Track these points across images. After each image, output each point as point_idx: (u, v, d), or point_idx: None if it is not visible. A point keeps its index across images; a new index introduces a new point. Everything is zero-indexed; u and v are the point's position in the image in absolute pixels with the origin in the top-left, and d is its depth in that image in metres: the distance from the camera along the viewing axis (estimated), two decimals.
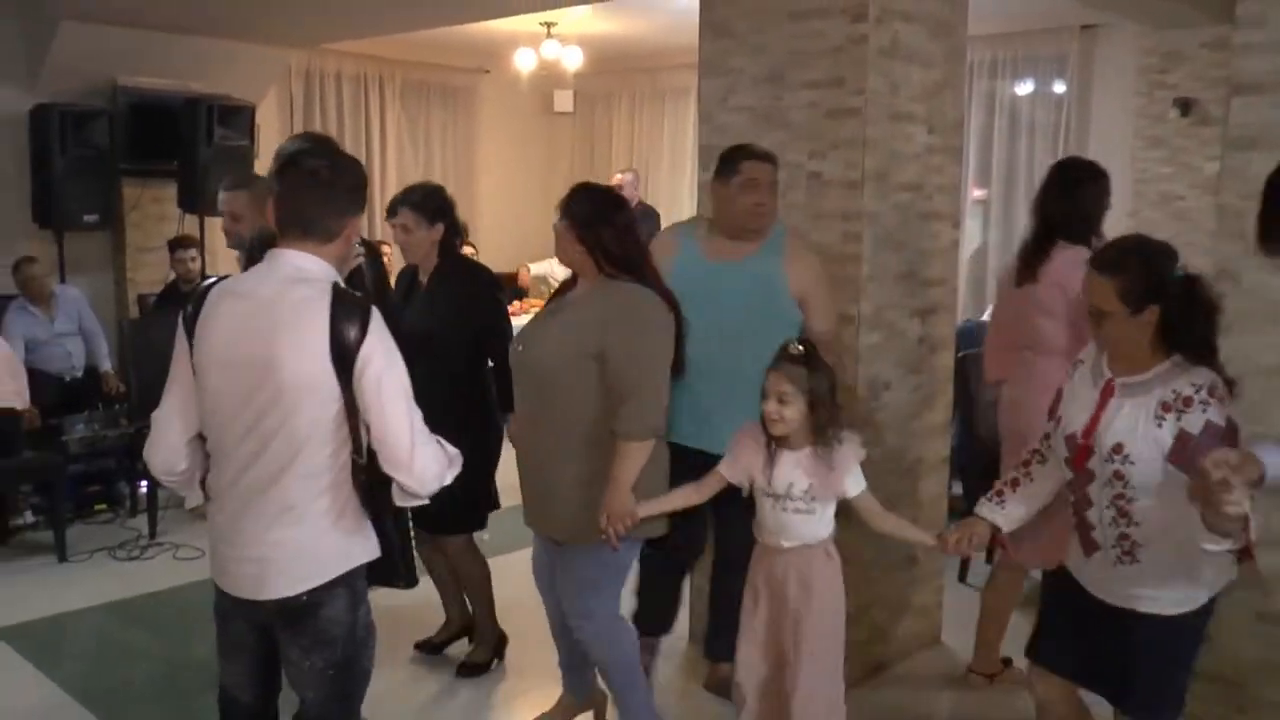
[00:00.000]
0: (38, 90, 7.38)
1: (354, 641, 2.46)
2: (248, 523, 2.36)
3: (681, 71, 10.14)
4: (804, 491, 3.04)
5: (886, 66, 3.87)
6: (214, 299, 2.39)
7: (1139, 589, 2.63)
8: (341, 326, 2.27)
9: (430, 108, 10.54)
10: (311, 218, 2.36)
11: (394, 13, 7.11)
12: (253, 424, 2.31)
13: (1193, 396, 2.47)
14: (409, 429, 2.33)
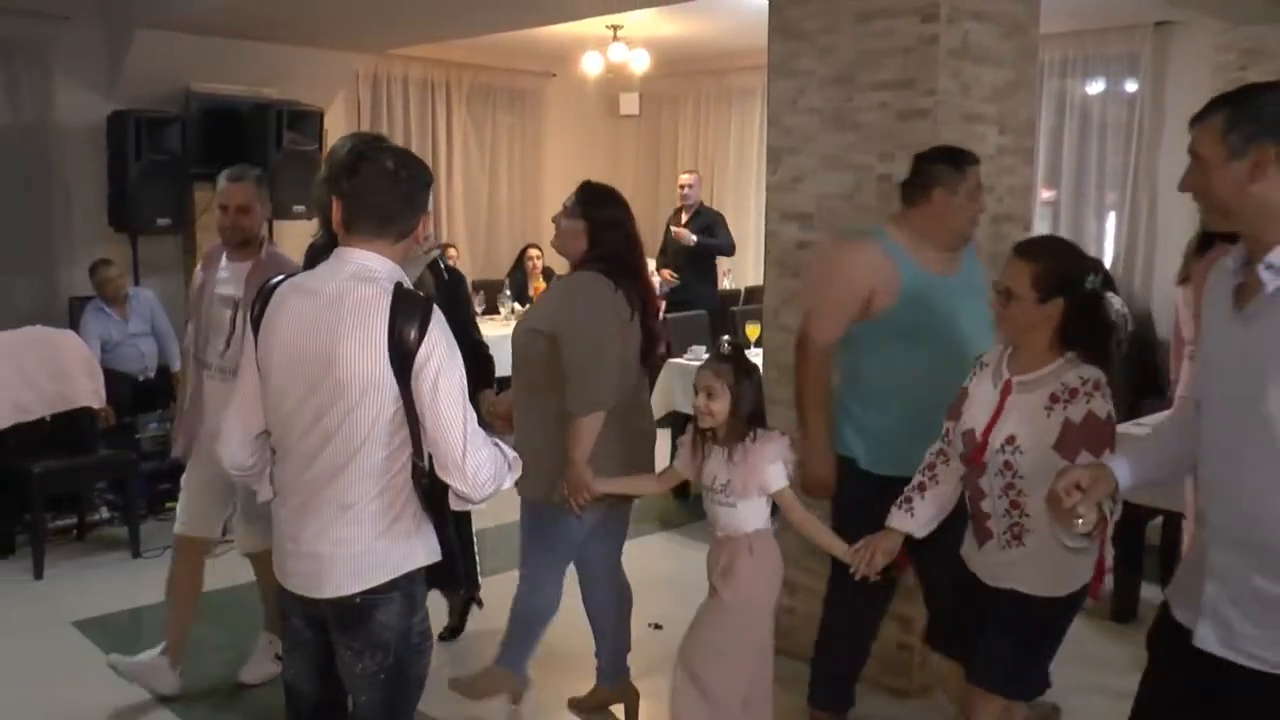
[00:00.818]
0: (114, 97, 7.54)
1: (407, 647, 2.44)
2: (308, 520, 2.38)
3: (748, 73, 10.11)
4: (724, 485, 3.18)
5: (957, 67, 3.82)
6: (280, 296, 2.41)
7: (1021, 570, 2.80)
8: (401, 325, 2.27)
9: (496, 111, 10.59)
10: (386, 216, 2.36)
11: (461, 18, 7.16)
12: (313, 421, 2.32)
13: (1078, 388, 2.66)
14: (462, 431, 2.32)
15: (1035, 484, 2.67)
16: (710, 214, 8.75)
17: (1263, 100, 2.08)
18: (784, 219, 4.31)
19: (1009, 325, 2.79)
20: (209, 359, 3.95)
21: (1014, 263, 2.76)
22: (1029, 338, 2.76)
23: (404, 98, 9.83)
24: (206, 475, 3.90)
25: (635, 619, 4.72)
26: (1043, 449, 2.67)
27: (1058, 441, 2.66)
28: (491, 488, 2.39)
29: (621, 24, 8.55)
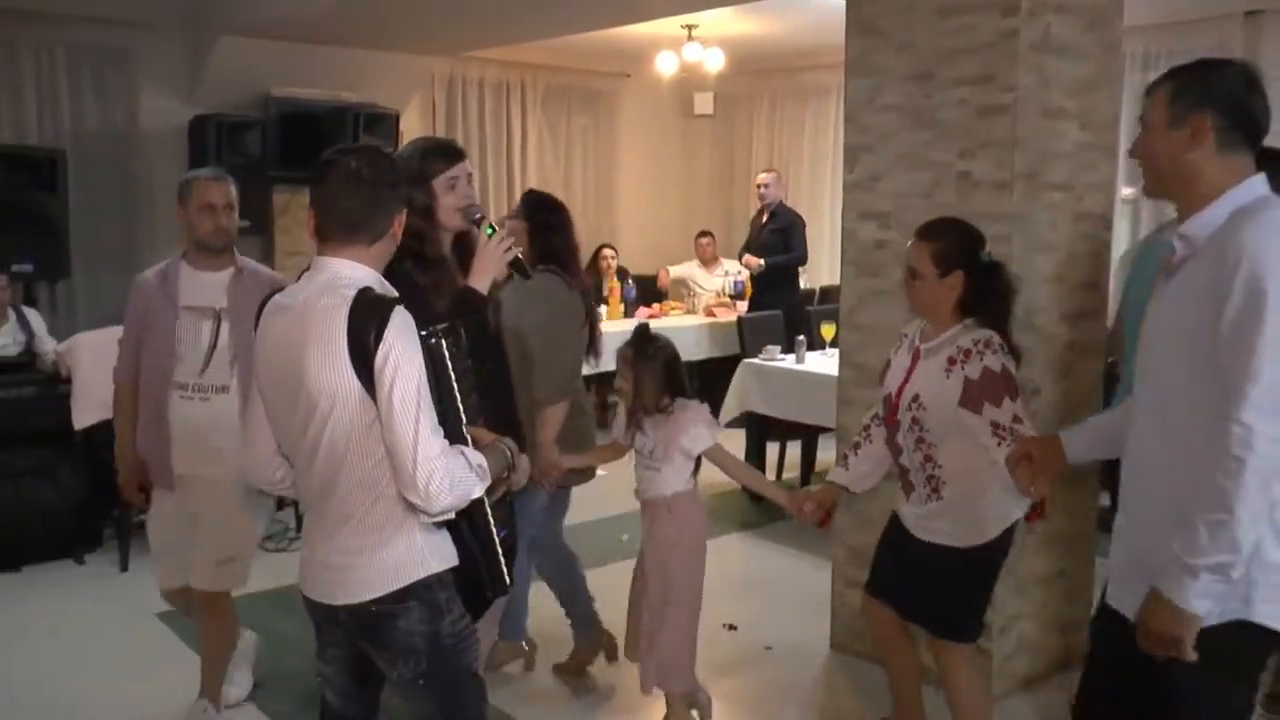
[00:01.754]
0: (196, 102, 7.71)
1: (439, 649, 2.37)
2: (317, 530, 2.38)
3: (823, 71, 10.03)
4: (650, 451, 3.53)
5: (1038, 61, 3.75)
6: (267, 313, 2.38)
7: (941, 522, 3.11)
8: (358, 331, 2.18)
9: (571, 113, 10.62)
10: (353, 221, 2.32)
11: (537, 19, 7.19)
12: (301, 435, 2.29)
13: (971, 349, 2.99)
14: (411, 436, 2.17)
15: (942, 438, 3.05)
16: (788, 214, 8.66)
17: (1211, 74, 2.24)
18: (861, 218, 4.27)
19: (916, 300, 3.15)
20: (181, 378, 3.62)
21: (915, 244, 3.12)
22: (935, 310, 3.10)
23: (479, 99, 9.89)
24: (171, 507, 3.71)
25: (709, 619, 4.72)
26: (945, 407, 3.00)
27: (962, 398, 2.97)
28: (448, 499, 2.22)
29: (697, 23, 8.53)
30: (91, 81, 7.57)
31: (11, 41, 7.18)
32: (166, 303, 3.65)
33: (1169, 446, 2.24)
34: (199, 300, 3.64)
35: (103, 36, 7.45)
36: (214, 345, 3.60)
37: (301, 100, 7.94)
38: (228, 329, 3.61)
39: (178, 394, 3.62)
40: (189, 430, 3.61)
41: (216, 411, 3.59)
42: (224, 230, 3.68)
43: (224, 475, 3.53)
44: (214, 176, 3.72)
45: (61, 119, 7.43)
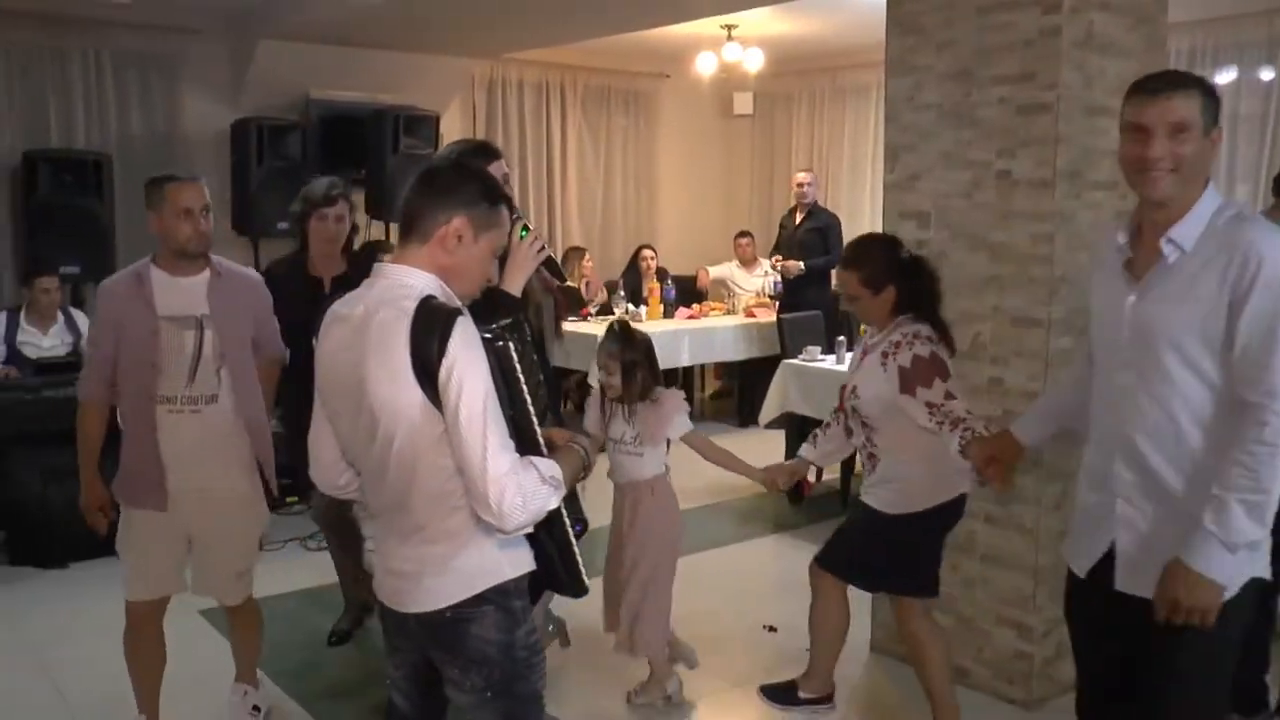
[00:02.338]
0: (238, 106, 7.79)
1: (513, 661, 2.30)
2: (390, 538, 2.31)
3: (862, 70, 9.98)
4: (633, 438, 3.84)
5: (1081, 59, 3.71)
6: (327, 322, 2.32)
7: (875, 491, 3.56)
8: (421, 345, 2.10)
9: (611, 113, 10.63)
10: (413, 219, 2.26)
11: (578, 21, 7.20)
12: (366, 448, 2.24)
13: (901, 341, 3.37)
14: (481, 452, 2.10)
15: (880, 422, 3.49)
16: (825, 215, 8.63)
17: (1215, 91, 2.40)
18: (901, 218, 4.24)
19: (862, 316, 3.61)
20: (166, 391, 3.37)
21: (844, 274, 3.51)
22: (877, 319, 3.52)
23: (519, 101, 9.92)
24: (159, 525, 3.44)
25: (749, 621, 4.72)
26: (881, 395, 3.41)
27: (901, 386, 3.34)
28: (522, 516, 2.14)
29: (736, 23, 8.51)
30: (137, 87, 7.66)
31: (61, 48, 7.28)
32: (144, 313, 3.38)
33: (1176, 436, 2.38)
34: (178, 309, 3.40)
35: (148, 43, 7.55)
36: (199, 355, 3.39)
37: (341, 103, 8.00)
38: (212, 336, 3.42)
39: (165, 409, 3.38)
40: (183, 445, 3.40)
41: (209, 423, 3.43)
42: (204, 236, 3.45)
43: (224, 487, 3.47)
44: (188, 178, 3.47)
45: (108, 124, 7.53)
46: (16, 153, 7.04)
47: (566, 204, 10.31)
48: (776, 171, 11.22)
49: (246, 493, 3.55)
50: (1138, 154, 2.37)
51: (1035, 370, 3.83)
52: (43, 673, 4.23)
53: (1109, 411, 2.52)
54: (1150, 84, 2.39)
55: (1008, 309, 3.91)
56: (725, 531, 6.09)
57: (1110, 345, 2.52)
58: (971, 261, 4.01)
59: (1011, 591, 3.97)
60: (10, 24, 6.99)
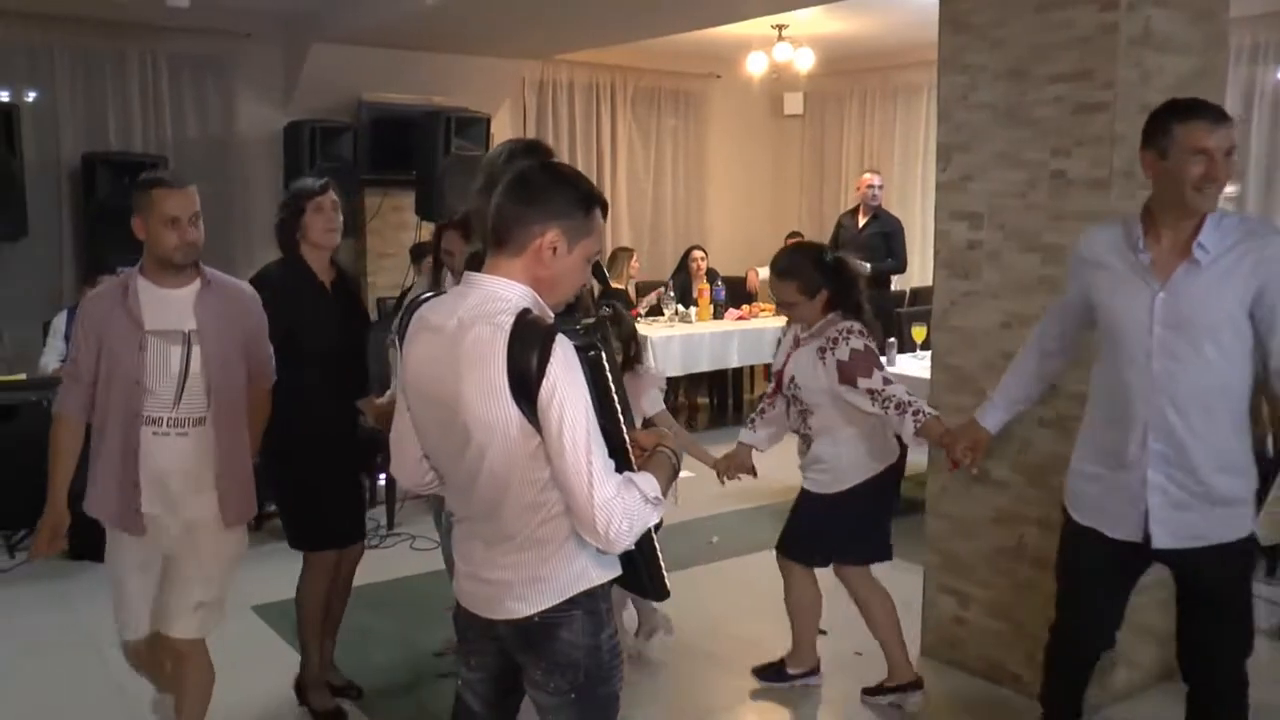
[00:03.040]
0: (291, 109, 7.88)
1: (598, 664, 2.30)
2: (475, 545, 2.31)
3: (913, 69, 9.91)
4: None
5: (1138, 56, 3.65)
6: (414, 328, 2.29)
7: (811, 473, 3.92)
8: (518, 362, 2.07)
9: (661, 114, 10.63)
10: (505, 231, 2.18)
11: (629, 22, 7.20)
12: (456, 459, 2.22)
13: (837, 337, 3.72)
14: (586, 478, 2.08)
15: (815, 406, 3.83)
16: (889, 220, 8.50)
17: None
18: (953, 218, 4.20)
19: (798, 318, 3.89)
20: (153, 411, 3.14)
21: (778, 284, 3.83)
22: (811, 318, 3.83)
23: (569, 102, 9.95)
24: (136, 550, 3.24)
25: None
26: (819, 386, 3.76)
27: (841, 378, 3.70)
28: (629, 539, 2.14)
29: (787, 23, 8.48)
30: (192, 90, 7.78)
31: (120, 52, 7.40)
32: (130, 327, 3.14)
33: (1211, 402, 2.84)
34: (165, 322, 3.16)
35: (203, 47, 7.65)
36: (186, 372, 3.15)
37: (393, 105, 8.06)
38: (199, 353, 3.17)
39: (150, 430, 3.15)
40: (166, 469, 3.17)
41: (198, 446, 3.20)
42: (191, 245, 3.17)
43: (205, 513, 3.23)
44: (175, 183, 3.19)
45: (164, 126, 7.64)
46: (77, 155, 7.18)
47: (616, 205, 10.31)
48: (827, 172, 11.17)
49: (219, 521, 3.26)
50: (1202, 173, 2.74)
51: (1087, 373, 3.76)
52: (102, 665, 4.28)
53: (1134, 395, 2.90)
54: (1210, 112, 2.77)
55: None
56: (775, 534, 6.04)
57: (1135, 338, 2.88)
58: (1024, 263, 3.96)
59: None
60: (73, 29, 7.12)
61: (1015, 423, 3.95)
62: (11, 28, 7.00)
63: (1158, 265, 2.85)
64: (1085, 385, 3.74)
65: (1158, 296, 2.82)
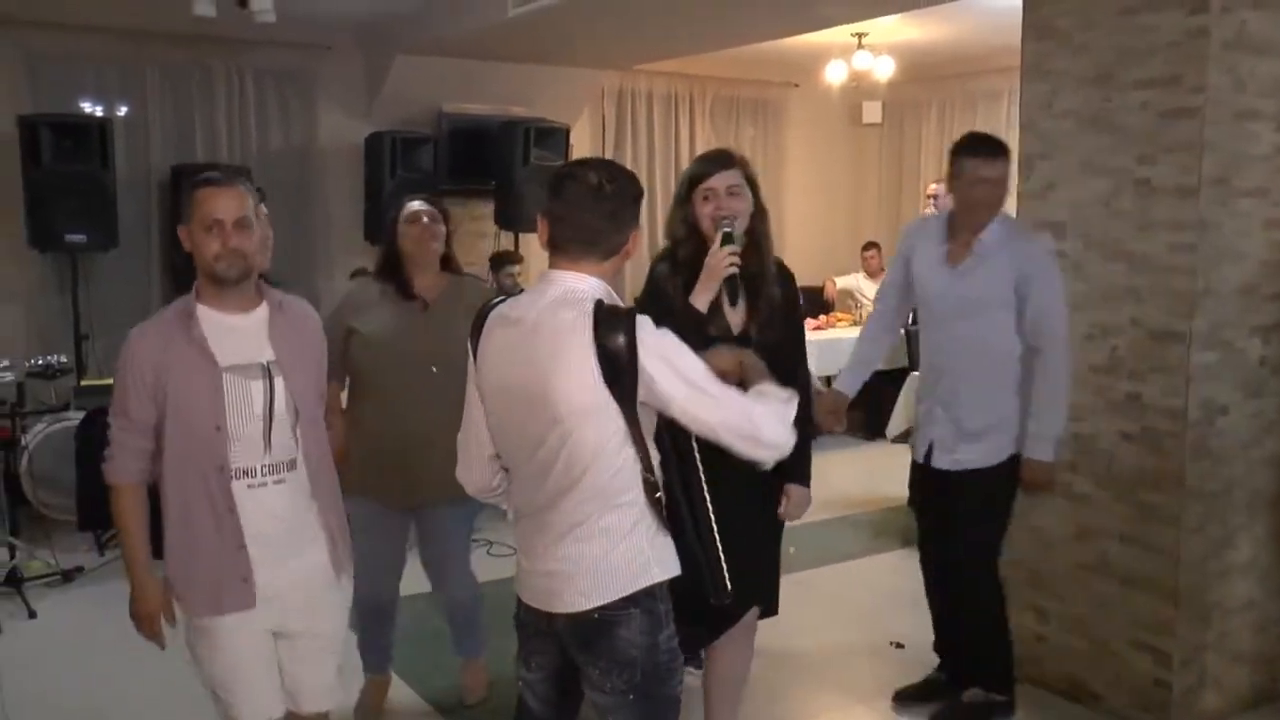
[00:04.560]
0: (373, 120, 7.99)
1: (655, 664, 2.34)
2: (539, 537, 2.35)
3: (993, 76, 9.77)
4: None
5: (1231, 60, 3.56)
6: (490, 324, 2.37)
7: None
8: (607, 343, 2.19)
9: (739, 123, 10.61)
10: (592, 235, 2.30)
11: (709, 32, 7.20)
12: (534, 449, 2.28)
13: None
14: (730, 406, 2.24)
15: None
16: None
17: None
18: (1035, 228, 4.12)
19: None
20: (243, 461, 2.67)
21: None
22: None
23: (648, 112, 9.96)
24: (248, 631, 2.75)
25: (876, 637, 4.63)
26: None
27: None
28: (790, 435, 2.28)
29: (867, 31, 8.42)
30: (276, 102, 7.92)
31: (207, 67, 7.57)
32: (200, 363, 2.66)
33: (984, 364, 3.67)
34: (240, 355, 2.69)
35: (287, 60, 7.79)
36: (271, 411, 2.69)
37: (473, 115, 8.13)
38: (283, 386, 2.72)
39: (244, 484, 2.68)
40: (269, 526, 2.72)
41: (295, 493, 2.76)
42: (236, 255, 2.65)
43: (317, 566, 2.82)
44: (223, 181, 2.73)
45: (249, 138, 7.79)
46: (166, 167, 7.35)
47: None
48: (905, 181, 11.05)
49: (331, 571, 2.86)
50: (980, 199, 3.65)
51: (1175, 385, 3.68)
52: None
53: (936, 351, 3.75)
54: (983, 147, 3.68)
55: (1146, 322, 3.77)
56: (854, 545, 6.01)
57: (937, 308, 3.71)
58: (1108, 273, 3.88)
59: (1149, 616, 3.82)
60: (162, 45, 7.30)
61: (1100, 437, 3.89)
62: (104, 45, 7.19)
63: (953, 254, 3.70)
64: (1175, 399, 3.68)
65: (950, 278, 3.68)
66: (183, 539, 2.71)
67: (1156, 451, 3.75)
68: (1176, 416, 3.68)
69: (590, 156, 2.33)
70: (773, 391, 2.35)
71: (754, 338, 3.01)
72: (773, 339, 3.04)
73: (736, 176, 3.08)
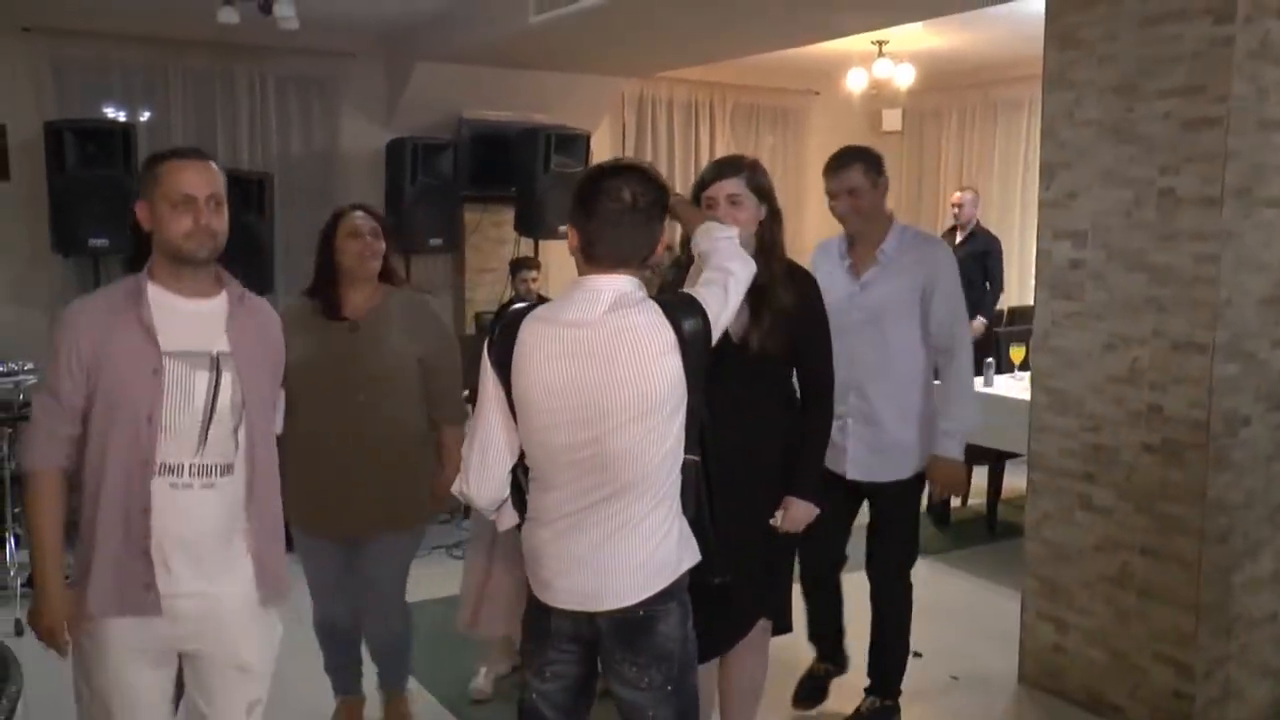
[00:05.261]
0: (393, 126, 8.01)
1: (687, 654, 2.42)
2: (581, 537, 2.34)
3: (1014, 84, 9.74)
4: None
5: (1255, 70, 3.55)
6: (533, 329, 2.35)
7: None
8: (684, 325, 2.32)
9: (759, 131, 10.60)
10: (631, 247, 2.36)
11: (730, 39, 7.19)
12: (593, 450, 2.30)
13: None
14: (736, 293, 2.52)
15: None
16: (986, 239, 8.18)
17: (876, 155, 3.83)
18: (1057, 237, 4.11)
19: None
20: (170, 457, 2.41)
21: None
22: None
23: (668, 119, 9.96)
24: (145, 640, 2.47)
25: None
26: None
27: None
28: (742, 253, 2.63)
29: (888, 39, 8.40)
30: (297, 108, 7.95)
31: (230, 72, 7.61)
32: (140, 345, 2.41)
33: (894, 370, 3.67)
34: (187, 341, 2.45)
35: (308, 66, 7.83)
36: (213, 407, 2.44)
37: (493, 122, 8.15)
38: (231, 381, 2.47)
39: (166, 482, 2.41)
40: (186, 532, 2.44)
41: (226, 501, 2.49)
42: (207, 233, 2.44)
43: (238, 587, 2.54)
44: (191, 155, 2.49)
45: (270, 144, 7.82)
46: None
47: None
48: (925, 189, 11.03)
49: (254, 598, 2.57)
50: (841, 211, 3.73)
51: (1197, 397, 3.66)
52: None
53: (848, 365, 3.46)
54: (831, 163, 3.72)
55: (1168, 333, 3.75)
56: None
57: (844, 320, 3.44)
58: (1130, 283, 3.86)
59: (1170, 628, 3.80)
60: (185, 51, 7.34)
61: (1121, 449, 3.87)
62: (129, 51, 7.23)
63: (855, 267, 3.73)
64: (1197, 410, 3.66)
65: (854, 289, 3.68)
66: (88, 534, 2.46)
67: (1178, 463, 3.73)
68: (1198, 428, 3.66)
69: (616, 162, 2.32)
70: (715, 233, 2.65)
71: (755, 345, 2.97)
72: (776, 347, 3.01)
73: (738, 185, 3.05)
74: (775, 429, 3.09)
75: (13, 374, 5.62)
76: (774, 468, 3.08)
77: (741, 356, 2.94)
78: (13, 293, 7.01)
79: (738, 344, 2.95)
